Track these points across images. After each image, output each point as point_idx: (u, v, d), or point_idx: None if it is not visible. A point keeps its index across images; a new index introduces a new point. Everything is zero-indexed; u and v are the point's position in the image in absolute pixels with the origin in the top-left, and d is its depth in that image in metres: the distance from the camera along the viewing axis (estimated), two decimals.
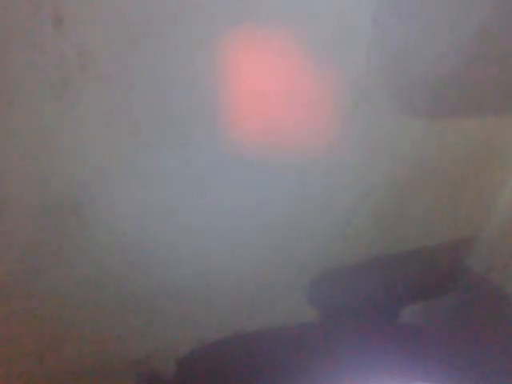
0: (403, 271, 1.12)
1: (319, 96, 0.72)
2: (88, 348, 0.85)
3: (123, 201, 0.70)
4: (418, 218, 1.00)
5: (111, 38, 0.55)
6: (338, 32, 0.67)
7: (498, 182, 1.02)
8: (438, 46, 0.74)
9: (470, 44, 0.76)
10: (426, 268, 1.14)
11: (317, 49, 0.67)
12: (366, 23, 0.66)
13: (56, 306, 0.77)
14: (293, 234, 0.89)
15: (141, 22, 0.55)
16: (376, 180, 0.88)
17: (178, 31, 0.58)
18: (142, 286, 0.82)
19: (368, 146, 0.82)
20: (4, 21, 0.49)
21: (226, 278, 0.89)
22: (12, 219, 0.64)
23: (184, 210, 0.76)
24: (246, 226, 0.83)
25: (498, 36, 0.78)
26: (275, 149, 0.75)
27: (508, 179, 1.01)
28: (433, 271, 1.16)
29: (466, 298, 1.21)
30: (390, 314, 1.22)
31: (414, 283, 1.17)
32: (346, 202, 0.89)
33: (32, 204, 0.64)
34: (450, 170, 0.94)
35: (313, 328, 1.10)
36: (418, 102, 0.80)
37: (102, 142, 0.63)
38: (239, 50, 0.63)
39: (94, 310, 0.81)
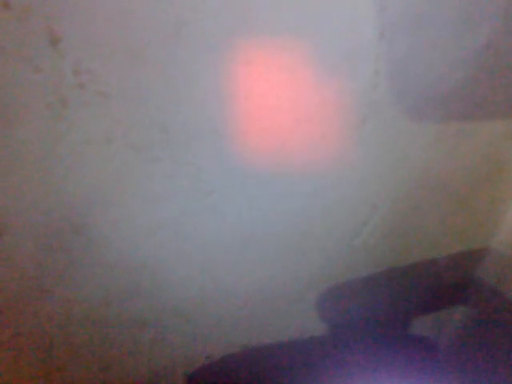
0: (412, 284, 1.10)
1: (328, 110, 0.70)
2: (95, 366, 0.84)
3: (128, 220, 0.68)
4: (427, 230, 0.97)
5: (111, 55, 0.53)
6: (346, 46, 0.65)
7: (508, 193, 1.00)
8: (445, 58, 0.72)
9: (478, 56, 0.74)
10: (436, 280, 1.12)
11: (325, 63, 0.65)
12: (373, 37, 0.65)
13: (63, 325, 0.76)
14: (301, 249, 0.87)
15: (142, 38, 0.54)
16: (385, 193, 0.86)
17: (181, 47, 0.56)
18: (148, 304, 0.81)
19: (377, 160, 0.80)
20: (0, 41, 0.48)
21: (234, 294, 0.88)
22: (17, 240, 0.64)
23: (190, 227, 0.74)
24: (254, 240, 0.81)
25: (505, 48, 0.76)
26: (284, 164, 0.73)
27: None
28: (442, 283, 1.14)
29: (476, 310, 1.19)
30: (399, 326, 1.20)
31: (423, 296, 1.14)
32: (355, 215, 0.87)
33: (36, 225, 0.63)
34: (459, 181, 0.92)
35: (321, 342, 1.08)
36: (427, 114, 0.78)
37: (103, 160, 0.61)
38: (246, 65, 0.61)
39: (100, 328, 0.80)
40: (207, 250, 0.79)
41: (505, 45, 0.75)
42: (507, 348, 1.11)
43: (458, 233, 1.02)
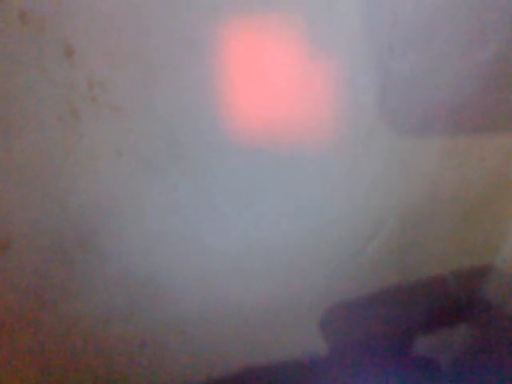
0: (416, 302, 1.09)
1: (335, 123, 0.70)
2: (95, 382, 0.82)
3: (132, 234, 0.68)
4: (433, 246, 0.97)
5: (124, 69, 0.53)
6: (355, 59, 0.65)
7: None
8: (453, 73, 0.73)
9: (486, 70, 0.75)
10: (441, 297, 1.11)
11: (333, 76, 0.66)
12: (382, 50, 0.65)
13: (63, 339, 0.74)
14: (306, 264, 0.86)
15: (156, 53, 0.54)
16: (391, 208, 0.86)
17: (192, 61, 0.56)
18: (150, 320, 0.79)
19: (383, 174, 0.80)
20: (14, 51, 0.48)
21: (237, 311, 0.86)
22: (21, 253, 0.63)
23: (194, 241, 0.73)
24: (258, 256, 0.81)
25: None
26: (290, 179, 0.73)
27: None
28: (447, 301, 1.13)
29: (480, 329, 1.18)
30: (402, 345, 1.19)
31: (427, 314, 1.13)
32: (361, 231, 0.86)
33: (41, 237, 0.63)
34: (466, 197, 0.92)
35: (325, 361, 1.06)
36: (434, 129, 0.78)
37: (111, 173, 0.61)
38: (255, 80, 0.62)
39: (101, 343, 0.78)
40: (210, 265, 0.78)
41: None
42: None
43: (464, 249, 1.02)
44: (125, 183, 0.62)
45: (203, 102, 0.61)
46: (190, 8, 0.53)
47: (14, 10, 0.47)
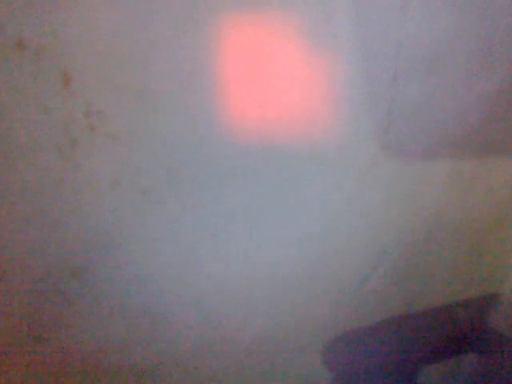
0: (421, 331, 1.06)
1: (338, 150, 0.69)
2: None
3: (130, 265, 0.65)
4: (439, 275, 0.95)
5: (123, 98, 0.52)
6: (359, 88, 0.64)
7: None
8: (458, 101, 0.72)
9: (492, 99, 0.74)
10: (445, 327, 1.08)
11: (337, 104, 0.65)
12: (387, 79, 0.64)
13: (57, 371, 0.72)
14: (308, 294, 0.84)
15: (153, 80, 0.53)
16: (396, 237, 0.84)
17: (192, 90, 0.55)
18: (146, 353, 0.77)
19: (387, 203, 0.78)
20: (11, 82, 0.47)
21: (237, 342, 0.84)
22: (14, 286, 0.61)
23: (192, 271, 0.71)
24: (259, 286, 0.78)
25: None
26: (291, 205, 0.71)
27: None
28: (453, 331, 1.10)
29: (487, 358, 1.15)
30: (408, 375, 1.16)
31: (432, 344, 1.11)
32: (365, 260, 0.84)
33: (35, 269, 0.61)
34: (472, 226, 0.90)
35: None
36: (439, 157, 0.77)
37: (108, 203, 0.59)
38: (254, 104, 0.60)
39: (97, 375, 0.76)
40: (210, 294, 0.76)
41: None
42: None
43: (470, 279, 1.00)
44: (122, 213, 0.60)
45: (203, 131, 0.60)
46: (191, 36, 0.52)
47: (12, 38, 0.46)
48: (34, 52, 0.46)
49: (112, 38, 0.49)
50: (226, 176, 0.64)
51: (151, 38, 0.50)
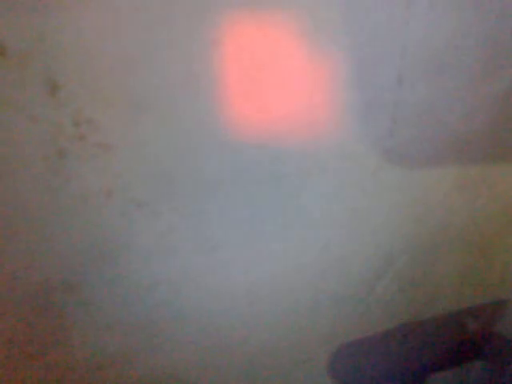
0: (429, 339, 1.03)
1: (341, 157, 0.66)
2: None
3: (125, 279, 0.63)
4: (446, 283, 0.92)
5: (114, 105, 0.50)
6: (362, 91, 0.62)
7: None
8: (464, 105, 0.70)
9: (498, 102, 0.71)
10: (454, 335, 1.06)
11: (338, 109, 0.62)
12: (391, 82, 0.62)
13: None
14: (312, 304, 0.81)
15: (147, 88, 0.50)
16: (401, 245, 0.81)
17: (184, 98, 0.53)
18: (146, 368, 0.74)
19: (392, 210, 0.75)
20: None
21: (239, 356, 0.81)
22: (7, 302, 0.58)
23: (192, 284, 0.69)
24: (261, 298, 0.76)
25: None
26: (291, 214, 0.69)
27: None
28: (460, 338, 1.07)
29: (496, 366, 1.12)
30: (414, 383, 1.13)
31: (439, 352, 1.08)
32: (370, 269, 0.82)
33: (28, 285, 0.58)
34: (479, 231, 0.87)
35: None
36: (445, 162, 0.74)
37: (102, 216, 0.56)
38: (252, 110, 0.58)
39: None
40: (210, 307, 0.73)
41: None
42: None
43: (478, 285, 0.97)
44: (117, 225, 0.58)
45: (199, 139, 0.57)
46: (184, 43, 0.49)
47: None
48: (19, 59, 0.44)
49: (101, 44, 0.46)
50: (224, 185, 0.61)
51: (142, 43, 0.48)
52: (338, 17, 0.55)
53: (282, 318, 0.81)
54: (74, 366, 0.69)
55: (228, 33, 0.51)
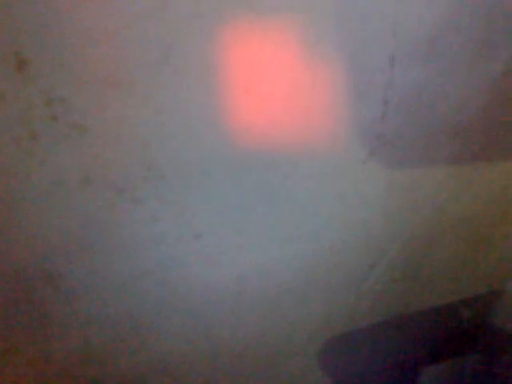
0: (423, 330, 1.01)
1: (332, 142, 0.64)
2: None
3: (107, 268, 0.60)
4: (439, 273, 0.90)
5: (88, 83, 0.46)
6: (352, 73, 0.59)
7: None
8: (459, 87, 0.67)
9: (494, 84, 0.69)
10: (447, 327, 1.04)
11: (328, 93, 0.59)
12: (382, 63, 0.59)
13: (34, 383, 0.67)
14: (303, 295, 0.79)
15: (125, 63, 0.47)
16: (394, 234, 0.79)
17: (169, 73, 0.50)
18: (132, 361, 0.72)
19: (384, 198, 0.73)
20: None
21: (228, 348, 0.79)
22: None
23: (177, 273, 0.66)
24: (249, 287, 0.73)
25: None
26: (283, 203, 0.66)
27: None
28: (454, 330, 1.06)
29: (491, 357, 1.11)
30: (408, 376, 1.11)
31: (434, 343, 1.06)
32: (362, 259, 0.79)
33: (4, 276, 0.55)
34: (473, 221, 0.85)
35: None
36: (439, 148, 0.72)
37: (80, 202, 0.53)
38: (245, 94, 0.55)
39: None
40: (197, 298, 0.71)
41: None
42: None
43: (472, 276, 0.95)
44: (96, 213, 0.55)
45: (183, 120, 0.54)
46: (165, 18, 0.46)
47: None
48: None
49: (73, 17, 0.43)
50: (211, 172, 0.59)
51: (119, 18, 0.45)
52: None
53: (271, 309, 0.79)
54: (56, 359, 0.67)
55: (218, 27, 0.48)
